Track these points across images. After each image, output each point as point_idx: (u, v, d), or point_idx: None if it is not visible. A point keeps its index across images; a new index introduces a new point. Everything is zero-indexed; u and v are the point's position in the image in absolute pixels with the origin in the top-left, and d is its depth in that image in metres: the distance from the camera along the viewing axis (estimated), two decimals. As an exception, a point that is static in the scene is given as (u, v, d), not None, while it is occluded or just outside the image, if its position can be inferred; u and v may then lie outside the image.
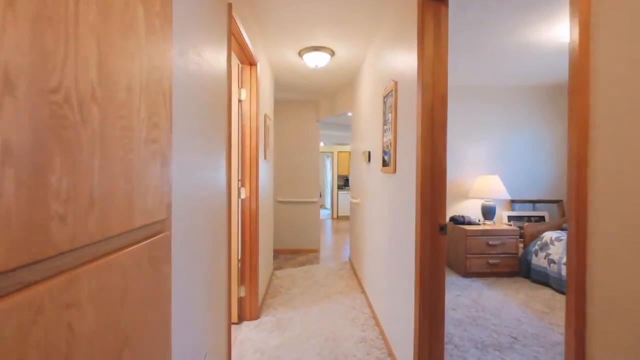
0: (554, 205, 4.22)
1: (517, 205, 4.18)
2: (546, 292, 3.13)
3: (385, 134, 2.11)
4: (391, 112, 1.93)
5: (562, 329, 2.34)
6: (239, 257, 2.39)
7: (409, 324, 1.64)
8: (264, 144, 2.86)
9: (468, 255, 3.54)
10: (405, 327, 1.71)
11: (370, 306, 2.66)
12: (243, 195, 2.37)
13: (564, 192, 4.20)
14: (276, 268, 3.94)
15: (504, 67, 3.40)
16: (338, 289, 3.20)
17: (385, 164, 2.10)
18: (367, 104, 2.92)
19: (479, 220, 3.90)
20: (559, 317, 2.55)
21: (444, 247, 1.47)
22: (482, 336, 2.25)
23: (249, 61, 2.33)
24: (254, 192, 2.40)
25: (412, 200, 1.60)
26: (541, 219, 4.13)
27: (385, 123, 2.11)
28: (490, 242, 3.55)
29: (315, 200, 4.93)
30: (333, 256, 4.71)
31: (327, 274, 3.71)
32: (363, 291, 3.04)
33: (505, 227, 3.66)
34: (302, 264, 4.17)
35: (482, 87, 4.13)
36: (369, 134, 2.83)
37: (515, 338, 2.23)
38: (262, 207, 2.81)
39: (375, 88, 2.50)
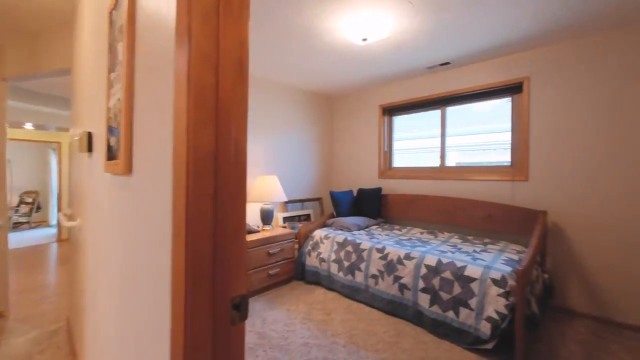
0: (316, 203, 4.62)
1: (289, 206, 4.19)
2: (319, 292, 3.15)
3: (112, 90, 1.00)
4: (123, 39, 0.87)
5: (342, 339, 2.24)
6: None
7: None
8: None
9: (249, 272, 2.99)
10: None
11: None
12: None
13: (322, 189, 4.69)
14: None
15: (283, 63, 3.14)
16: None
17: (111, 155, 0.99)
18: (91, 40, 1.58)
19: (258, 227, 3.49)
20: (337, 324, 2.49)
21: (243, 346, 0.66)
22: (275, 395, 1.68)
23: None
24: None
25: (167, 240, 0.67)
26: (308, 217, 4.37)
27: (113, 68, 1.00)
28: (270, 251, 3.19)
29: (-11, 219, 2.64)
30: (39, 315, 2.69)
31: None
32: (82, 387, 1.65)
33: (284, 231, 3.44)
34: None
35: (260, 78, 3.76)
36: (93, 98, 1.52)
37: (309, 376, 1.84)
38: None
39: (101, 2, 1.28)
